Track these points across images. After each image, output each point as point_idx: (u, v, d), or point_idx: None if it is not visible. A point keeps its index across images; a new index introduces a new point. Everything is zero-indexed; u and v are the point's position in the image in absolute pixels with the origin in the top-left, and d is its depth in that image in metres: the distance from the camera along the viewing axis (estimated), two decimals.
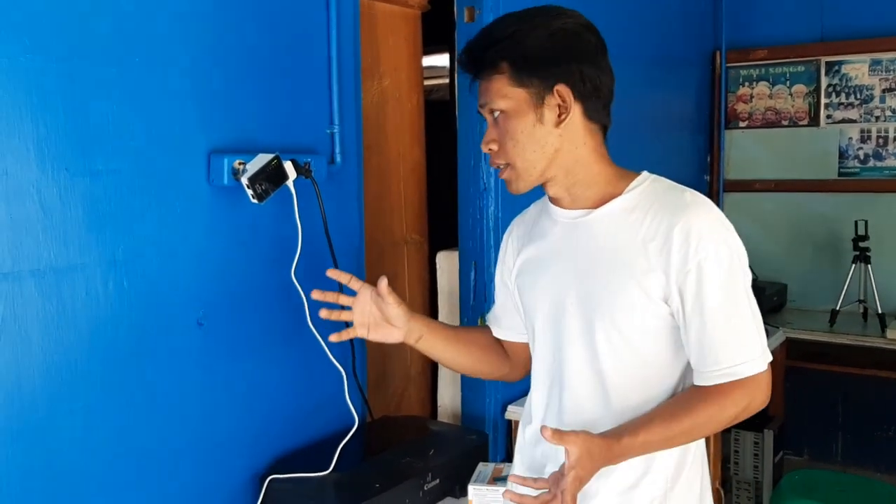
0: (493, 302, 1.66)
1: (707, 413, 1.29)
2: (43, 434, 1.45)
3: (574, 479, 1.20)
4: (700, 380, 1.31)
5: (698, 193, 1.35)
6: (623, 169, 1.41)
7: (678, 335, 1.33)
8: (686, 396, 1.33)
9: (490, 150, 1.38)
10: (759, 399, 1.31)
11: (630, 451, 1.28)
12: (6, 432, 1.40)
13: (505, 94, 1.33)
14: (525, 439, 1.53)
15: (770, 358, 1.31)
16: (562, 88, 1.32)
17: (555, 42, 1.33)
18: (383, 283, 1.51)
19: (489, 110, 1.37)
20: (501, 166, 1.38)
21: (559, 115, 1.33)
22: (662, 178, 1.40)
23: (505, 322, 1.61)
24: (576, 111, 1.34)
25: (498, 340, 1.64)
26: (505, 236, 1.61)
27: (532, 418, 1.51)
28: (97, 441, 1.54)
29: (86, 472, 1.52)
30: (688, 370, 1.36)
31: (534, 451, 1.49)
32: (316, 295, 1.54)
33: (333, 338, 1.58)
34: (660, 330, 1.33)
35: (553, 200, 1.44)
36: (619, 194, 1.37)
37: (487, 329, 1.66)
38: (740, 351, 1.28)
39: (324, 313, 1.55)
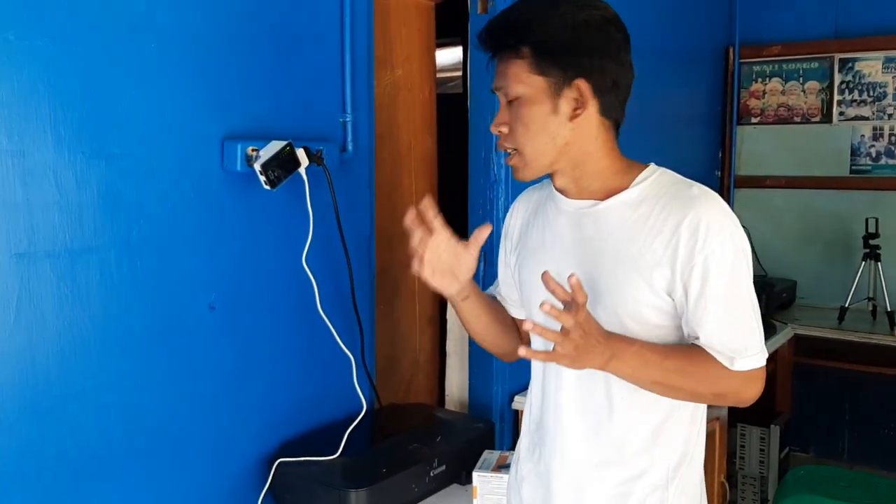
0: (496, 279, 1.63)
1: (703, 369, 1.29)
2: (56, 412, 1.48)
3: (583, 320, 1.17)
4: None
5: (705, 187, 1.35)
6: (631, 161, 1.40)
7: (678, 328, 1.34)
8: (692, 347, 1.32)
9: (500, 132, 1.36)
10: (752, 391, 1.32)
11: (622, 353, 1.25)
12: (21, 410, 1.43)
13: (522, 80, 1.31)
14: (528, 425, 1.54)
15: (766, 354, 1.31)
16: (581, 83, 1.30)
17: (580, 34, 1.30)
18: (485, 233, 1.36)
19: (504, 94, 1.34)
20: (509, 151, 1.37)
21: (574, 109, 1.32)
22: (669, 171, 1.39)
23: (514, 298, 1.58)
24: (592, 107, 1.32)
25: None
26: (510, 212, 1.58)
27: (531, 406, 1.53)
28: (109, 421, 1.56)
29: (97, 452, 1.55)
30: None
31: (533, 435, 1.51)
32: (408, 219, 1.34)
33: (415, 265, 1.36)
34: (661, 323, 1.33)
35: (560, 190, 1.43)
36: (626, 187, 1.36)
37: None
38: (740, 345, 1.29)
39: (409, 219, 1.35)
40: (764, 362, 1.31)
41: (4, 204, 1.38)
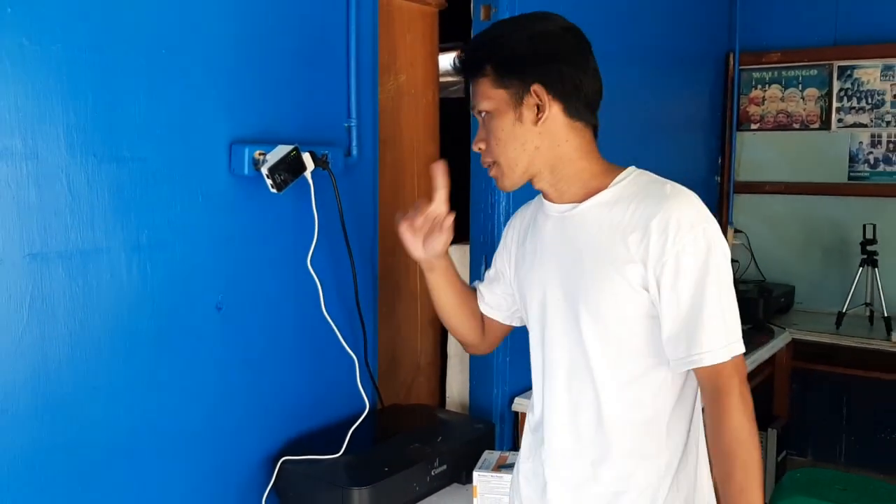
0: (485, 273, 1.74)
1: (732, 450, 1.31)
2: (66, 409, 1.51)
3: None
4: (674, 367, 1.36)
5: (679, 185, 1.39)
6: (611, 164, 1.46)
7: (658, 324, 1.38)
8: (713, 456, 1.36)
9: (479, 149, 1.46)
10: (737, 385, 1.33)
11: None
12: (33, 406, 1.45)
13: (488, 96, 1.40)
14: (529, 424, 1.60)
15: (737, 351, 1.33)
16: (538, 88, 1.38)
17: (532, 44, 1.38)
18: (450, 219, 1.57)
19: (477, 112, 1.44)
20: (490, 164, 1.46)
21: (537, 114, 1.39)
22: (647, 172, 1.44)
23: (488, 299, 1.69)
24: (555, 110, 1.39)
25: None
26: (508, 223, 1.68)
27: (533, 406, 1.58)
28: (117, 418, 1.59)
29: (105, 447, 1.57)
30: None
31: (535, 434, 1.56)
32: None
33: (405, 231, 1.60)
34: (642, 319, 1.37)
35: (544, 195, 1.50)
36: (604, 188, 1.41)
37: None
38: (710, 339, 1.31)
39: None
40: (727, 357, 1.32)
41: (18, 205, 1.41)
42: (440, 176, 1.55)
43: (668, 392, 1.41)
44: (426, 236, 1.58)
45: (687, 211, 1.33)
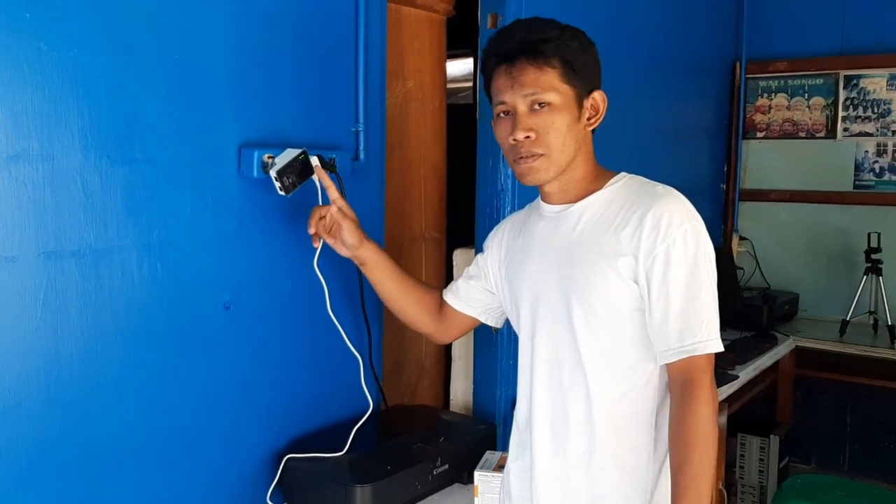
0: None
1: (694, 440, 1.35)
2: (78, 404, 1.54)
3: None
4: (661, 359, 1.40)
5: (670, 187, 1.46)
6: (606, 169, 1.54)
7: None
8: (672, 444, 1.39)
9: (528, 137, 1.44)
10: (708, 379, 1.38)
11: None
12: (45, 400, 1.49)
13: (556, 88, 1.43)
14: (517, 425, 1.63)
15: (721, 347, 1.39)
16: (598, 95, 1.48)
17: (592, 53, 1.48)
18: (343, 205, 1.74)
19: (534, 100, 1.43)
20: (535, 154, 1.44)
21: (589, 119, 1.47)
22: (638, 176, 1.51)
23: (464, 293, 1.76)
24: None
25: (439, 305, 1.80)
26: (497, 227, 1.75)
27: (520, 405, 1.62)
28: (127, 414, 1.62)
29: (115, 443, 1.61)
30: None
31: (523, 433, 1.60)
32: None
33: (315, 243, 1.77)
34: (632, 312, 1.43)
35: (545, 196, 1.55)
36: (600, 190, 1.49)
37: (435, 292, 1.82)
38: (699, 331, 1.37)
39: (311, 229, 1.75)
40: (720, 347, 1.39)
41: (34, 205, 1.45)
42: (323, 177, 1.75)
43: (655, 385, 1.46)
44: (338, 233, 1.73)
45: (677, 209, 1.40)
